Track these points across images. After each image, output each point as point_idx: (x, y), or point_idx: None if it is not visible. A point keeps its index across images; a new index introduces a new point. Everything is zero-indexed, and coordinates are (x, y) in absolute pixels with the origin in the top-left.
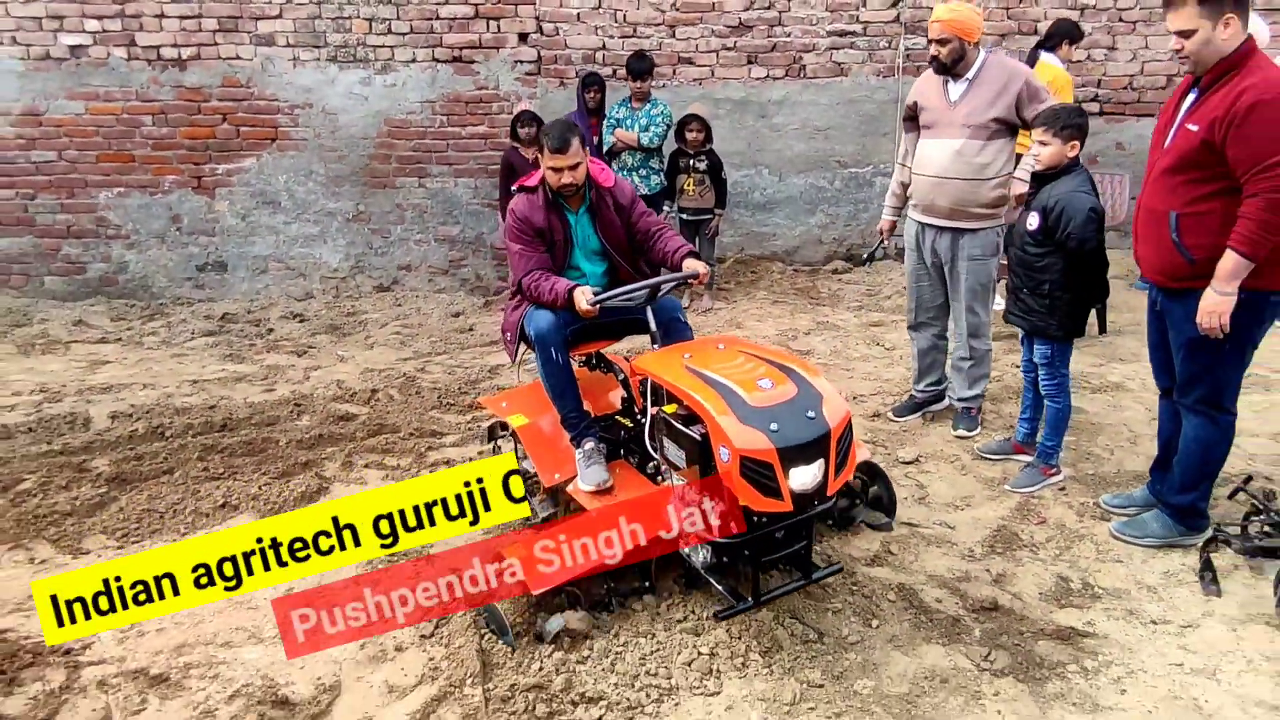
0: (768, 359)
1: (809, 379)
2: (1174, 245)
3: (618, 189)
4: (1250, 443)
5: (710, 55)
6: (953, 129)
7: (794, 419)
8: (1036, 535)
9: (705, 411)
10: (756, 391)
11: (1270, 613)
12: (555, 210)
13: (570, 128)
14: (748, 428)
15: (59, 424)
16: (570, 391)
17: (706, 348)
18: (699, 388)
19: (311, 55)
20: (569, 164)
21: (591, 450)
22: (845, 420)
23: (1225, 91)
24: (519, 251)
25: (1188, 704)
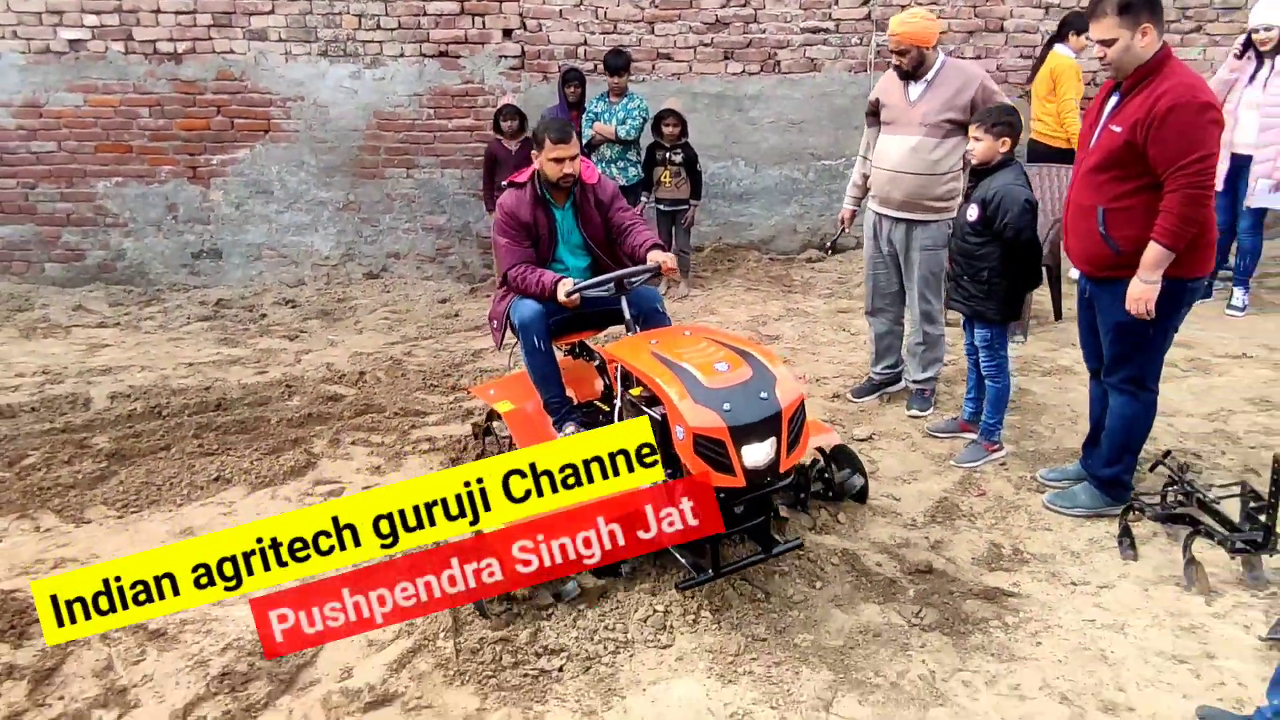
0: (729, 345)
1: (765, 363)
2: (1101, 238)
3: (600, 186)
4: (1185, 422)
5: (688, 51)
6: (910, 127)
7: (747, 399)
8: (975, 506)
9: (663, 392)
10: (713, 374)
11: (1179, 575)
12: (542, 206)
13: (567, 123)
14: (701, 407)
15: (61, 403)
16: (552, 378)
17: (674, 335)
18: (659, 371)
19: (303, 50)
20: (570, 154)
21: (572, 434)
22: (797, 402)
23: (1144, 95)
24: (505, 245)
25: (1095, 654)
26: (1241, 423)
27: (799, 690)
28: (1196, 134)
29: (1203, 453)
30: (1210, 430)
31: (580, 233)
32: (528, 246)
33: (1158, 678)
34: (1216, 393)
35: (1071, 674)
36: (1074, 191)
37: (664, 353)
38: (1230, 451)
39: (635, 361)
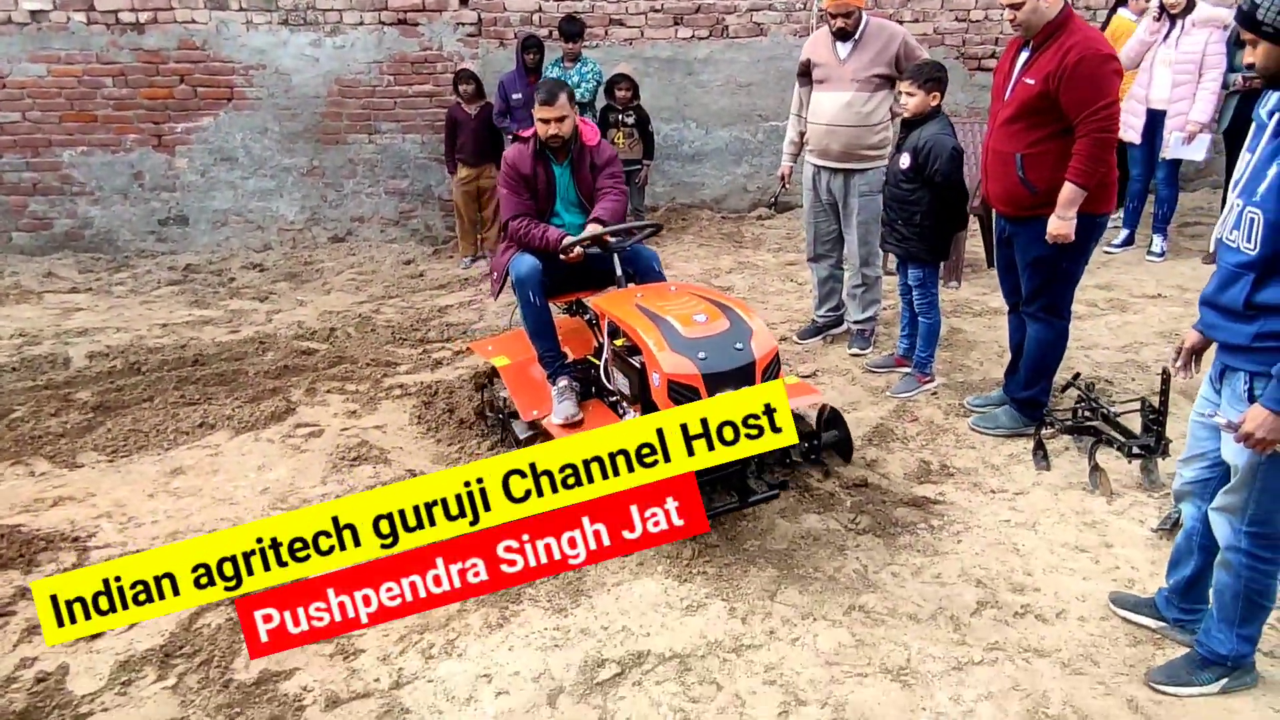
0: (711, 299)
1: (743, 316)
2: (1020, 180)
3: (598, 150)
4: (1101, 354)
5: (639, 17)
6: (843, 83)
7: (722, 349)
8: (909, 430)
9: (642, 341)
10: (691, 325)
11: (1085, 481)
12: (542, 161)
13: (560, 85)
14: (676, 354)
15: (41, 363)
16: (547, 332)
17: (660, 290)
18: (641, 321)
19: (264, 19)
20: (555, 116)
21: (565, 387)
22: (772, 354)
23: (1053, 50)
24: (506, 195)
25: (1008, 547)
26: (1151, 353)
27: (746, 585)
28: (1102, 83)
29: (1115, 379)
30: (1123, 360)
31: (576, 190)
32: (528, 199)
33: (1061, 565)
34: (1131, 328)
35: (986, 563)
36: (992, 140)
37: (647, 305)
38: (1139, 378)
39: (619, 312)
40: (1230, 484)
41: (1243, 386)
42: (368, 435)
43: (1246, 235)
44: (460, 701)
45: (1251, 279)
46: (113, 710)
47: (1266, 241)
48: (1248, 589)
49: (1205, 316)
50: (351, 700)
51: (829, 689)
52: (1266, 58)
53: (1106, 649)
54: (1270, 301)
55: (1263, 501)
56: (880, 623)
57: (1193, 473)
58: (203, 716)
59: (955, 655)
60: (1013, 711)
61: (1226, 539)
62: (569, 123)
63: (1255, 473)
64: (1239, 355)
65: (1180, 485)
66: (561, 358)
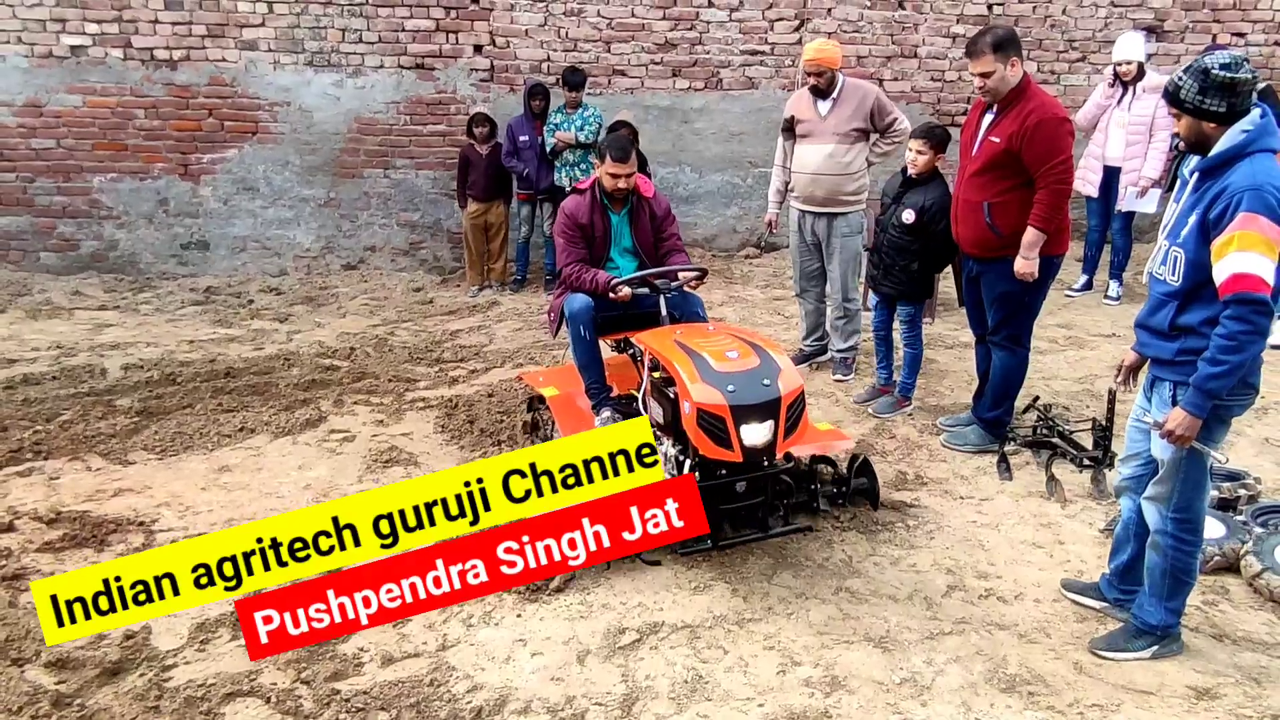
0: (745, 339)
1: (773, 355)
2: (988, 225)
3: (656, 201)
4: (1060, 384)
5: (640, 68)
6: (825, 136)
7: (750, 384)
8: (887, 446)
9: (676, 372)
10: (723, 360)
11: (1043, 489)
12: (600, 211)
13: (629, 142)
14: (707, 385)
15: (80, 373)
16: (595, 366)
17: (699, 329)
18: (677, 355)
19: (290, 60)
20: (626, 172)
21: (607, 418)
22: (797, 391)
23: (1016, 113)
24: (563, 245)
25: (975, 544)
26: (1104, 384)
27: (746, 570)
28: (1059, 141)
29: (1071, 405)
30: (1079, 390)
31: (631, 238)
32: (582, 247)
33: (1020, 558)
34: (1087, 362)
35: (955, 556)
36: (961, 191)
37: (685, 341)
38: (1094, 405)
39: (658, 346)
40: (1158, 476)
41: (1169, 393)
42: (396, 441)
43: (1172, 270)
44: (500, 661)
45: (1175, 305)
46: (194, 663)
47: (1187, 276)
48: (1174, 567)
49: (1139, 337)
50: (404, 659)
51: (820, 653)
52: (1187, 129)
53: (1057, 624)
54: (1190, 324)
55: (1184, 490)
56: (864, 601)
57: (1129, 470)
58: (274, 670)
59: (928, 628)
60: (977, 671)
61: (1155, 524)
62: (634, 178)
63: (1178, 466)
64: (1165, 368)
65: (1119, 481)
66: (607, 390)
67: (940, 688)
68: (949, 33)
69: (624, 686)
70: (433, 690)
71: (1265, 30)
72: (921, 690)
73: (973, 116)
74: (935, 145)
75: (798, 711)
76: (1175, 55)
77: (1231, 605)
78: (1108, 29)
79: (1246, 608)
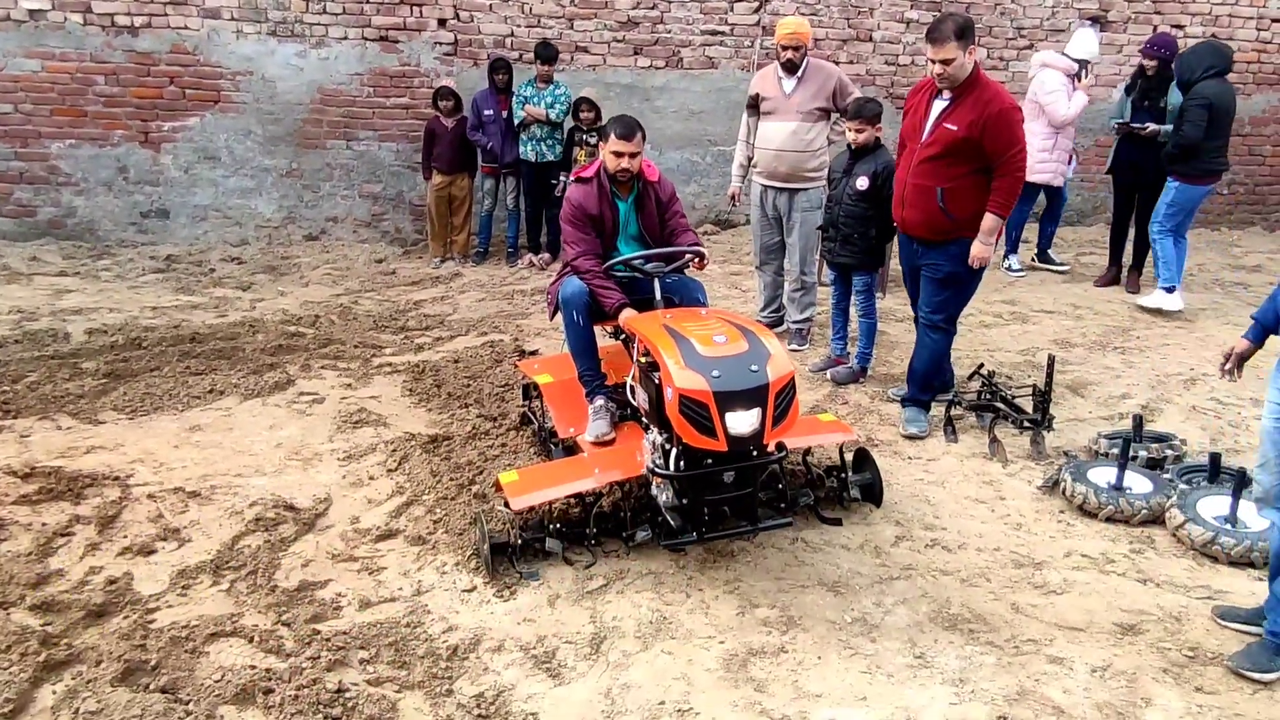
0: (736, 324)
1: (763, 341)
2: (940, 210)
3: (660, 185)
4: (1004, 355)
5: (603, 46)
6: (789, 114)
7: (737, 369)
8: (840, 410)
9: (660, 356)
10: (710, 345)
11: (986, 450)
12: (608, 199)
13: (636, 122)
14: (690, 371)
15: (43, 336)
16: (589, 352)
17: (690, 313)
18: (663, 339)
19: (254, 29)
20: (630, 151)
21: (600, 407)
22: (787, 378)
23: (972, 101)
24: (572, 235)
25: (922, 499)
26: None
27: None
28: (1017, 130)
29: (1014, 375)
30: (1021, 361)
31: (638, 224)
32: (593, 236)
33: (964, 511)
34: (1029, 336)
35: (903, 510)
36: (910, 176)
37: (673, 325)
38: (1034, 375)
39: (645, 330)
40: None
41: None
42: (365, 403)
43: None
44: (474, 604)
45: None
46: (177, 607)
47: None
48: None
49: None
50: (381, 603)
51: (777, 596)
52: None
53: (996, 570)
54: None
55: None
56: (818, 550)
57: (1272, 478)
58: (255, 613)
59: (878, 573)
60: (922, 611)
61: None
62: (639, 159)
63: None
64: None
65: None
66: (601, 378)
67: (888, 626)
68: (903, 18)
69: (592, 627)
70: (409, 631)
71: (1204, 23)
72: (871, 629)
73: (919, 101)
74: (870, 120)
75: (756, 648)
76: (1119, 45)
77: (1156, 553)
78: (1054, 18)
79: (1170, 555)
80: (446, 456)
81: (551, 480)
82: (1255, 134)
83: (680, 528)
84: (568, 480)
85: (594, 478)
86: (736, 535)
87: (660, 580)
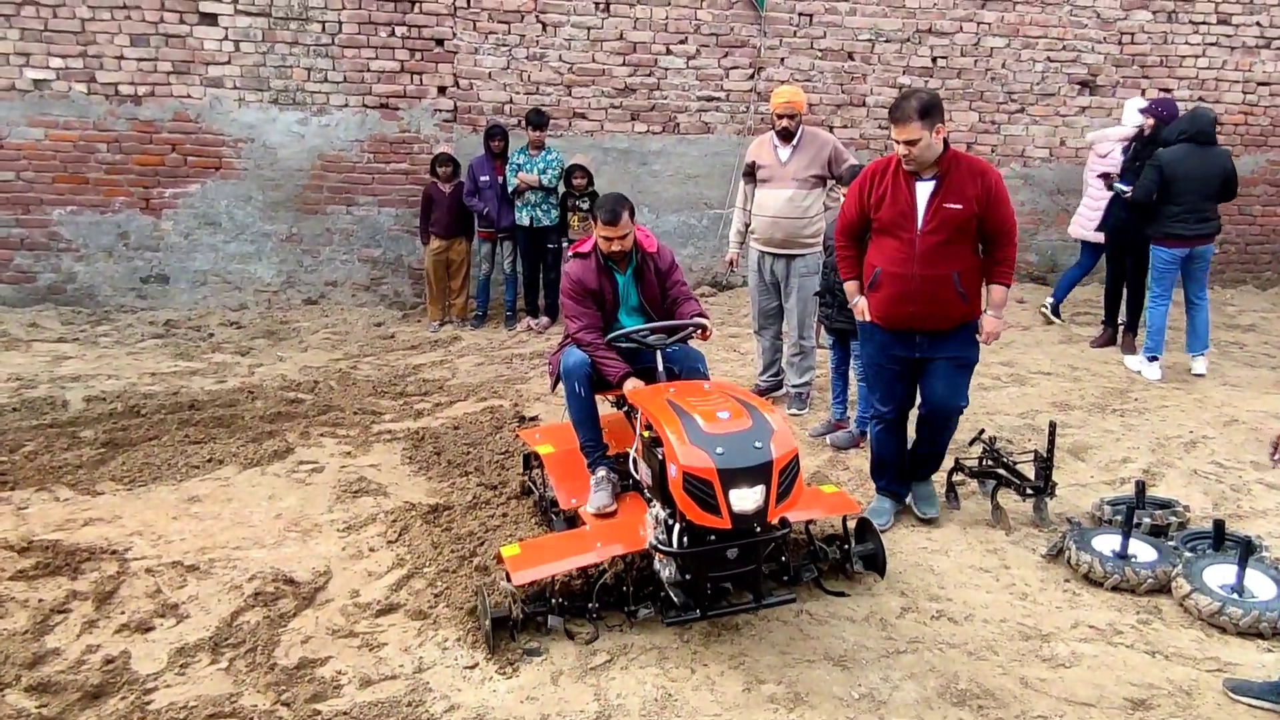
0: (740, 399)
1: (766, 417)
2: (959, 296)
3: (659, 255)
4: (1003, 418)
5: (600, 111)
6: (785, 182)
7: (741, 446)
8: (842, 476)
9: (664, 432)
10: (713, 421)
11: (989, 517)
12: (606, 273)
13: (620, 201)
14: (694, 448)
15: (41, 405)
16: (590, 423)
17: (694, 387)
18: (666, 414)
19: (256, 97)
20: (619, 234)
21: (602, 478)
22: (790, 454)
23: (964, 175)
24: (573, 309)
25: (926, 568)
26: (1044, 419)
27: None
28: (1009, 202)
29: (1015, 439)
30: (1021, 424)
31: (638, 296)
32: (594, 310)
33: (968, 581)
34: (1027, 398)
35: (908, 580)
36: (918, 267)
37: (677, 400)
38: (1035, 439)
39: (648, 405)
40: None
41: None
42: (365, 472)
43: None
44: (476, 682)
45: None
46: (175, 687)
47: None
48: None
49: None
50: (382, 681)
51: (783, 671)
52: None
53: (1003, 643)
54: None
55: None
56: (823, 623)
57: None
58: (254, 693)
59: (884, 647)
60: (930, 686)
61: None
62: (630, 238)
63: None
64: None
65: None
66: (603, 449)
67: (896, 702)
68: (895, 83)
69: (596, 705)
70: (411, 710)
71: (1190, 86)
72: (879, 705)
73: (890, 186)
74: None
75: None
76: (1108, 108)
77: (1164, 624)
78: (1044, 82)
79: (1178, 626)
80: (447, 527)
81: (553, 554)
82: (1245, 194)
83: (684, 604)
84: (570, 554)
85: (596, 551)
86: (740, 612)
87: (664, 655)
